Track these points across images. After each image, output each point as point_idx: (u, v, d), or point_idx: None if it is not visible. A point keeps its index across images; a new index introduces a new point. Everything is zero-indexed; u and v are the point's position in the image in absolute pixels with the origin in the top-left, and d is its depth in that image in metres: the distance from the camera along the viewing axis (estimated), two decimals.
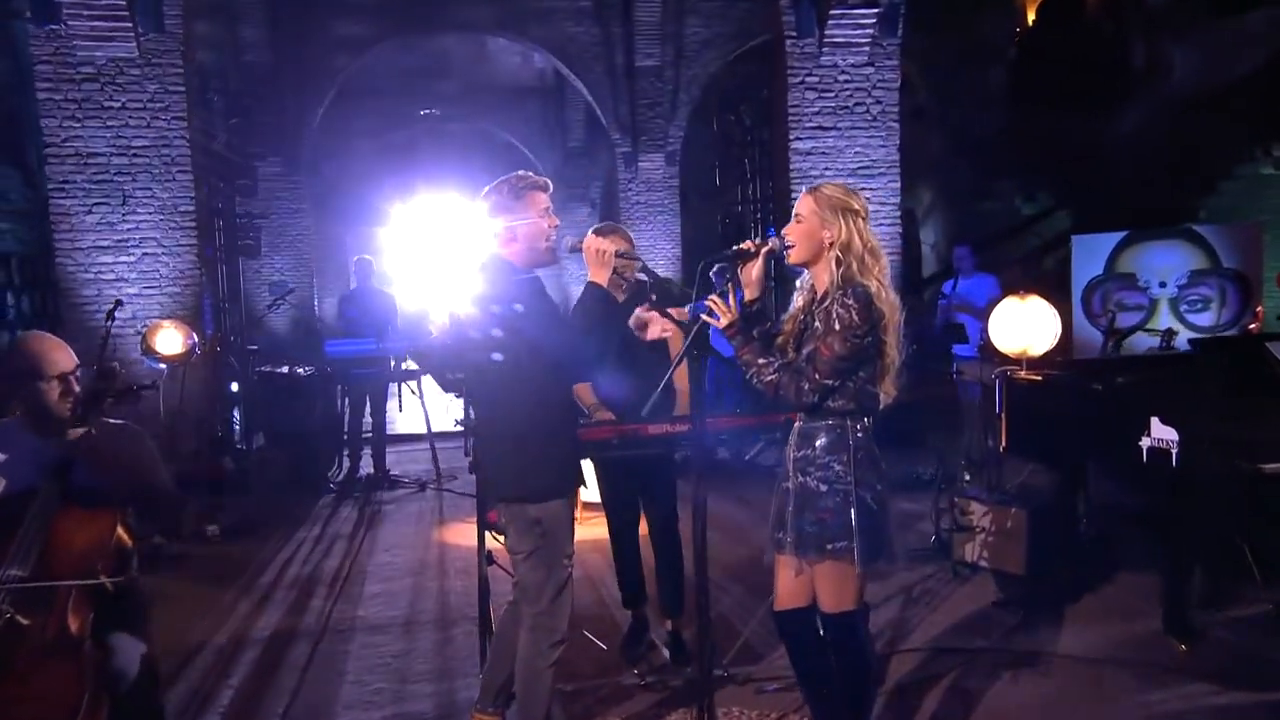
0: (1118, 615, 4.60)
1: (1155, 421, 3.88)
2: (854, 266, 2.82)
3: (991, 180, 15.49)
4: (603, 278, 3.08)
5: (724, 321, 2.87)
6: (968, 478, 7.08)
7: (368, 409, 8.50)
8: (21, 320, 10.87)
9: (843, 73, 9.44)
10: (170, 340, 7.63)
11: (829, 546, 2.82)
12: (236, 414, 8.91)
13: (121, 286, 8.11)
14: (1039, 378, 4.63)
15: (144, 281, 8.12)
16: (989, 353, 5.29)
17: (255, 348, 9.42)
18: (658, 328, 3.28)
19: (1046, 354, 4.90)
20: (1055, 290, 10.98)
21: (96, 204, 8.06)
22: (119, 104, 8.04)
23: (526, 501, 3.04)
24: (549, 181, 3.17)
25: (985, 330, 5.35)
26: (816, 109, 9.42)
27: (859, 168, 9.53)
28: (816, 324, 2.83)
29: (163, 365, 7.70)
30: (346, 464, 8.53)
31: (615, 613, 4.60)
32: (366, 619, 5.00)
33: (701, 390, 2.93)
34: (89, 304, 7.92)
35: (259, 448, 8.43)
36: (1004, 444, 4.76)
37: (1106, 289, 9.37)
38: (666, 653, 4.31)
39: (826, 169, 9.46)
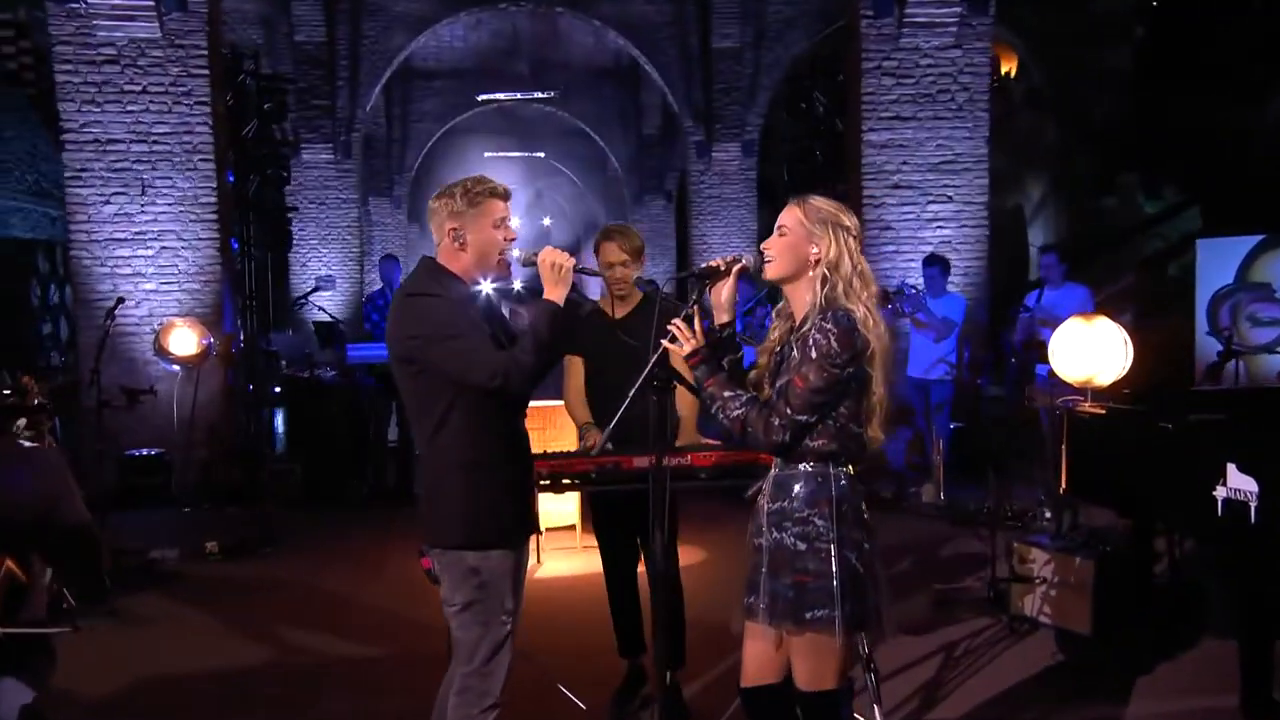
0: (1195, 688, 4.28)
1: (1232, 469, 3.56)
2: (840, 288, 2.66)
3: (1112, 173, 14.86)
4: (558, 295, 2.93)
5: (687, 348, 2.73)
6: (1048, 516, 6.73)
7: (393, 418, 8.51)
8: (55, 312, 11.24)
9: (925, 56, 9.11)
10: (184, 340, 7.74)
11: (807, 615, 2.62)
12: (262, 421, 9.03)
13: (139, 282, 8.27)
14: (1102, 411, 4.32)
15: (161, 277, 8.27)
16: (1057, 378, 4.98)
17: (275, 349, 9.52)
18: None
19: (1117, 383, 4.59)
20: (1177, 301, 10.44)
21: (115, 194, 8.24)
22: (139, 88, 8.21)
23: (463, 549, 2.92)
24: (509, 189, 3.08)
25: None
26: (894, 97, 9.12)
27: (941, 163, 9.19)
28: (794, 353, 2.67)
29: (176, 367, 7.83)
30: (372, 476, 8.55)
31: (600, 662, 4.43)
32: (349, 656, 4.93)
33: (665, 423, 2.78)
34: (104, 299, 8.06)
35: (277, 457, 8.50)
36: (1064, 484, 4.46)
37: (1237, 301, 8.83)
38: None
39: (904, 163, 9.15)
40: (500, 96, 18.95)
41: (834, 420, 2.64)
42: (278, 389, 9.34)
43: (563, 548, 6.72)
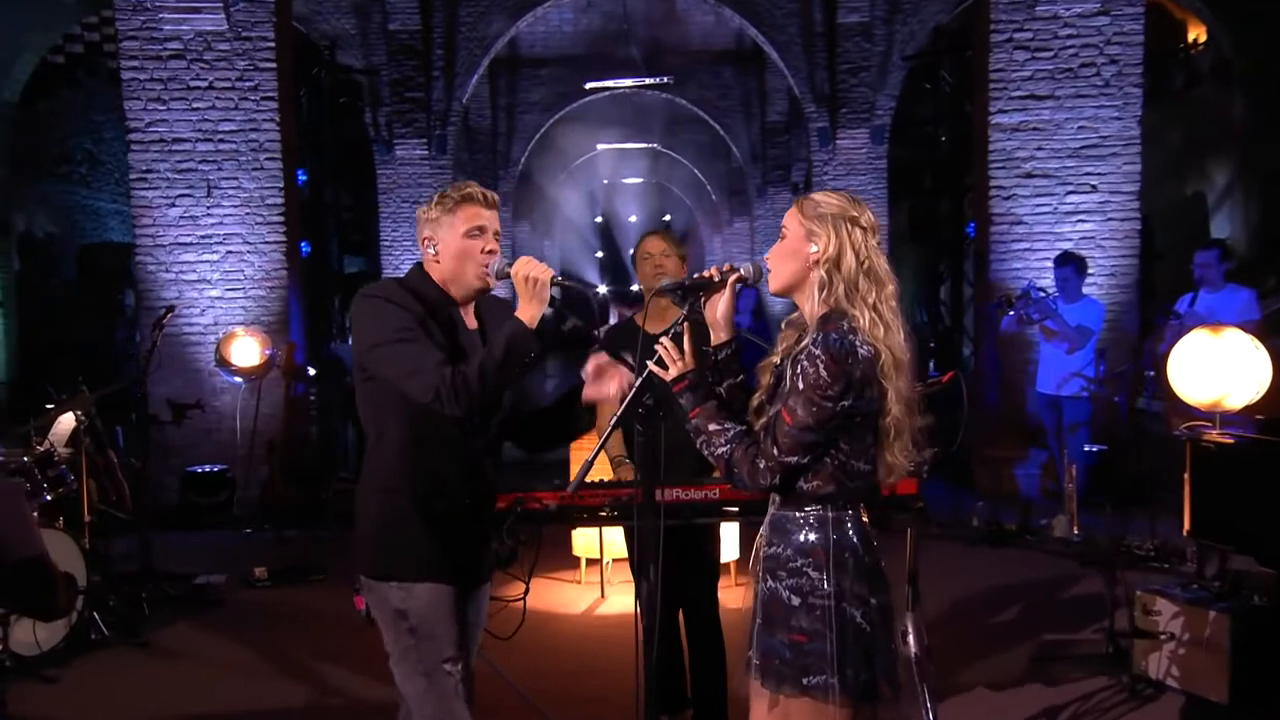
0: None
1: None
2: (841, 290, 2.47)
3: None
4: (530, 313, 2.78)
5: (673, 372, 2.58)
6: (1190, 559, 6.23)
7: None
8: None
9: (1065, 25, 8.64)
10: (246, 351, 7.88)
11: (804, 681, 2.44)
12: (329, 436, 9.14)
13: (203, 288, 8.48)
14: (1231, 441, 3.91)
15: (227, 283, 8.46)
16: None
17: (341, 357, 9.64)
18: (612, 383, 2.92)
19: (1253, 407, 4.16)
20: None
21: (180, 196, 8.47)
22: (205, 83, 8.42)
23: (377, 579, 2.85)
24: (494, 196, 2.96)
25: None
26: (1028, 73, 8.66)
27: (1083, 147, 8.68)
28: (788, 376, 2.48)
29: (238, 379, 7.97)
30: None
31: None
32: (385, 702, 4.86)
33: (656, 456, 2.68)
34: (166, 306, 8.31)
35: (342, 476, 8.58)
36: (1186, 524, 4.07)
37: None
38: None
39: (1038, 149, 8.68)
40: (611, 84, 18.89)
41: (832, 459, 2.46)
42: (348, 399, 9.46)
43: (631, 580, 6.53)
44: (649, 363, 2.62)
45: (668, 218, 29.45)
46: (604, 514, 3.67)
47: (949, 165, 10.15)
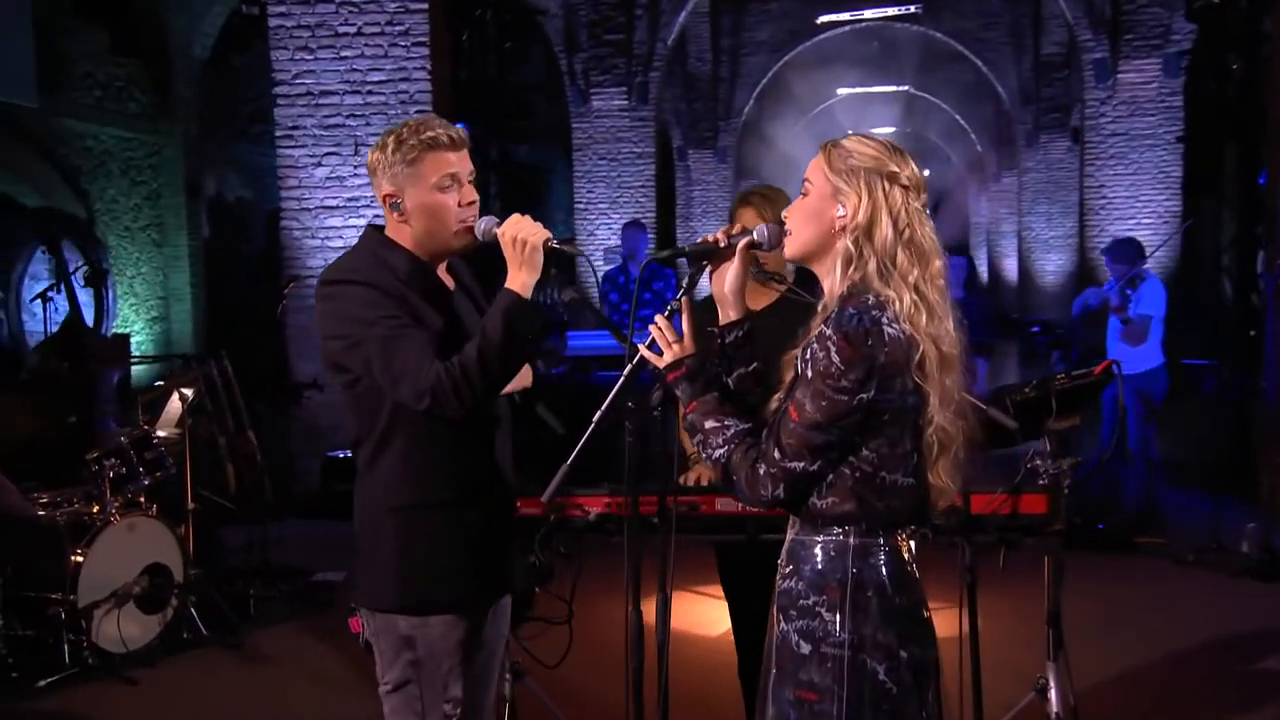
0: None
1: None
2: (873, 265, 2.26)
3: None
4: (522, 281, 2.61)
5: (667, 358, 2.41)
6: None
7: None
8: None
9: None
10: None
11: None
12: None
13: None
14: None
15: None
16: None
17: None
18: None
19: None
20: None
21: (327, 154, 8.64)
22: (354, 29, 8.54)
23: (393, 612, 2.74)
24: (461, 133, 2.75)
25: None
26: None
27: None
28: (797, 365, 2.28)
29: None
30: None
31: None
32: None
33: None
34: (315, 278, 8.49)
35: None
36: None
37: None
38: None
39: None
40: (850, 16, 18.29)
41: (852, 469, 2.25)
42: None
43: None
44: (640, 345, 2.43)
45: (926, 172, 28.41)
46: (655, 523, 3.40)
47: (1238, 100, 9.11)
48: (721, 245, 2.45)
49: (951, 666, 3.45)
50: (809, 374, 2.21)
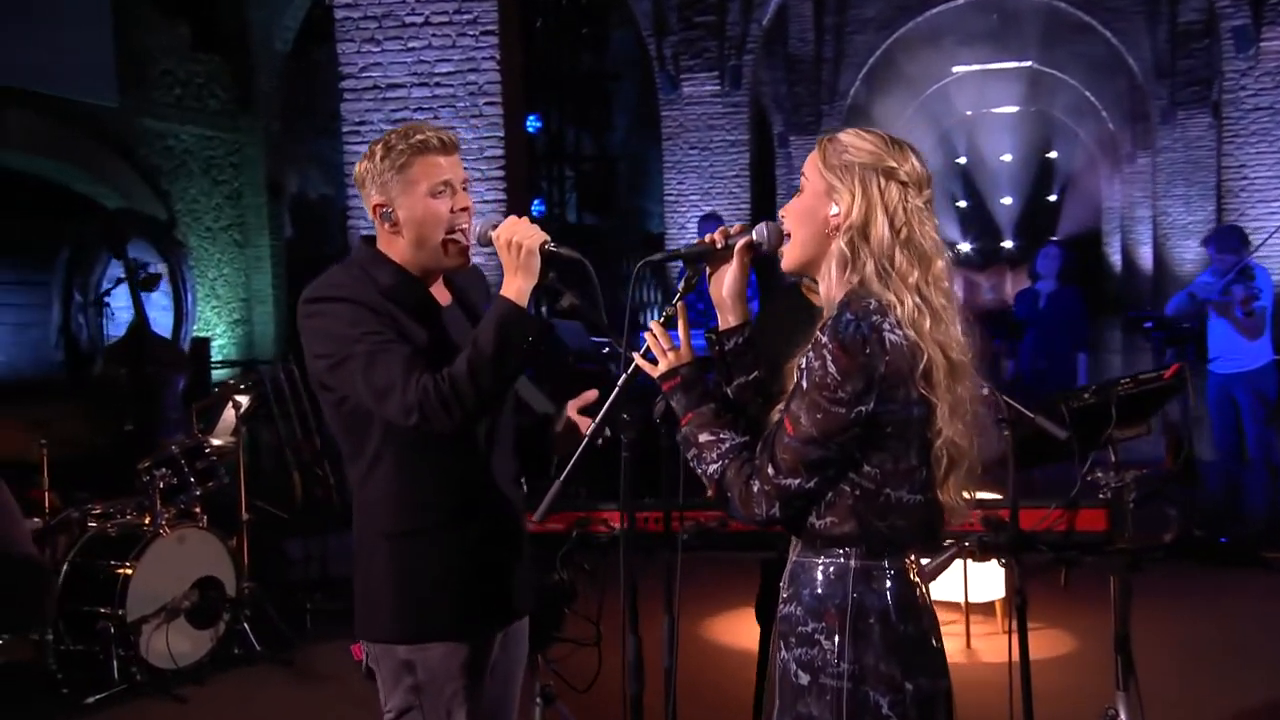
0: None
1: None
2: (870, 268, 2.23)
3: None
4: (517, 287, 2.62)
5: (662, 367, 2.40)
6: None
7: None
8: None
9: None
10: None
11: None
12: None
13: None
14: None
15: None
16: None
17: (561, 337, 9.62)
18: None
19: None
20: None
21: None
22: (422, 18, 8.61)
23: (391, 642, 2.76)
24: (452, 137, 2.77)
25: None
26: None
27: None
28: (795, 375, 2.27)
29: None
30: None
31: None
32: None
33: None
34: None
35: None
36: None
37: None
38: None
39: None
40: None
41: (852, 486, 2.22)
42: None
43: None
44: (635, 355, 2.43)
45: (1053, 154, 27.82)
46: (685, 539, 3.37)
47: None
48: (719, 247, 2.43)
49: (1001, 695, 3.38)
50: (804, 385, 2.18)
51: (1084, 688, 4.45)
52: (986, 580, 6.00)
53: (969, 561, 3.87)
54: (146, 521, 5.71)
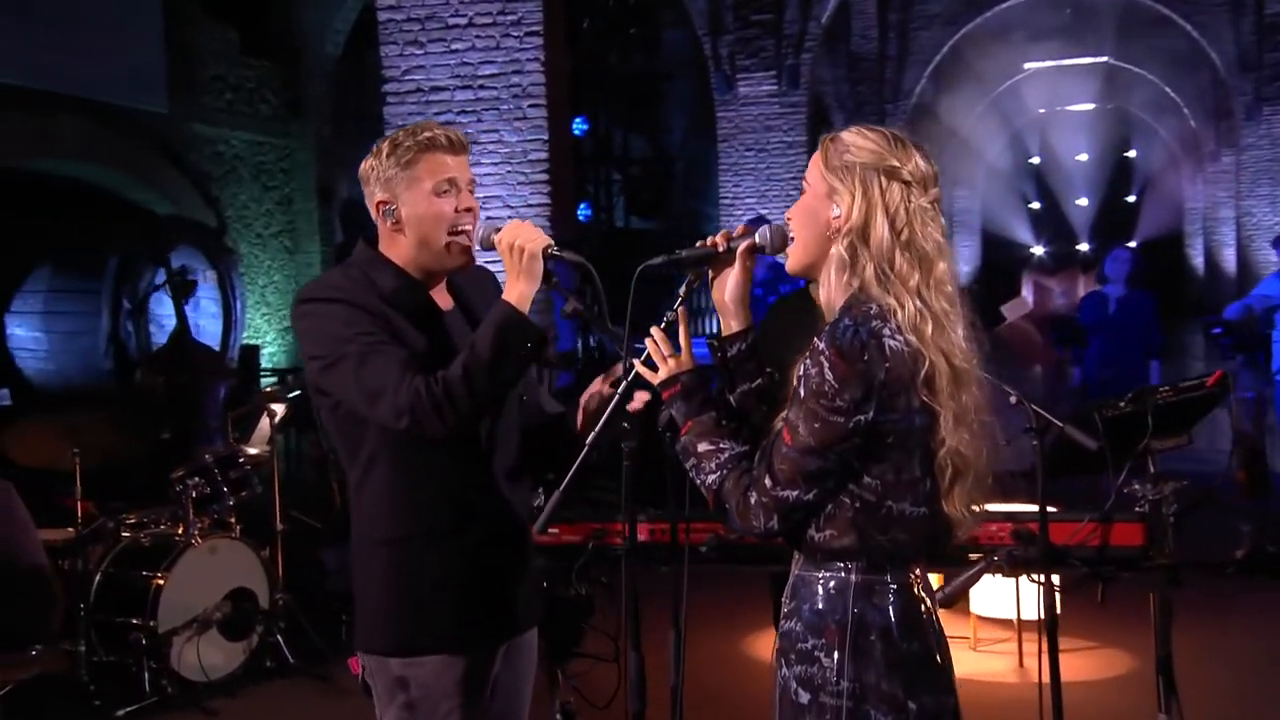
0: None
1: None
2: (870, 271, 2.22)
3: None
4: (519, 292, 2.65)
5: (663, 374, 2.41)
6: None
7: None
8: None
9: None
10: None
11: None
12: None
13: None
14: None
15: (485, 255, 8.66)
16: None
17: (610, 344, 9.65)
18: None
19: None
20: None
21: None
22: (465, 19, 8.69)
23: (385, 654, 2.77)
24: (461, 136, 2.82)
25: None
26: None
27: None
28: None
29: None
30: None
31: None
32: None
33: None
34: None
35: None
36: None
37: None
38: None
39: None
40: None
41: (853, 498, 2.22)
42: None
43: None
44: (635, 361, 2.44)
45: (1131, 153, 27.44)
46: (704, 551, 3.38)
47: None
48: (720, 250, 2.43)
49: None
50: (802, 393, 2.18)
51: (1125, 709, 4.39)
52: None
53: (1020, 578, 3.81)
54: (179, 531, 5.79)
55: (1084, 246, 29.85)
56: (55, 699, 5.43)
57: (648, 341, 2.43)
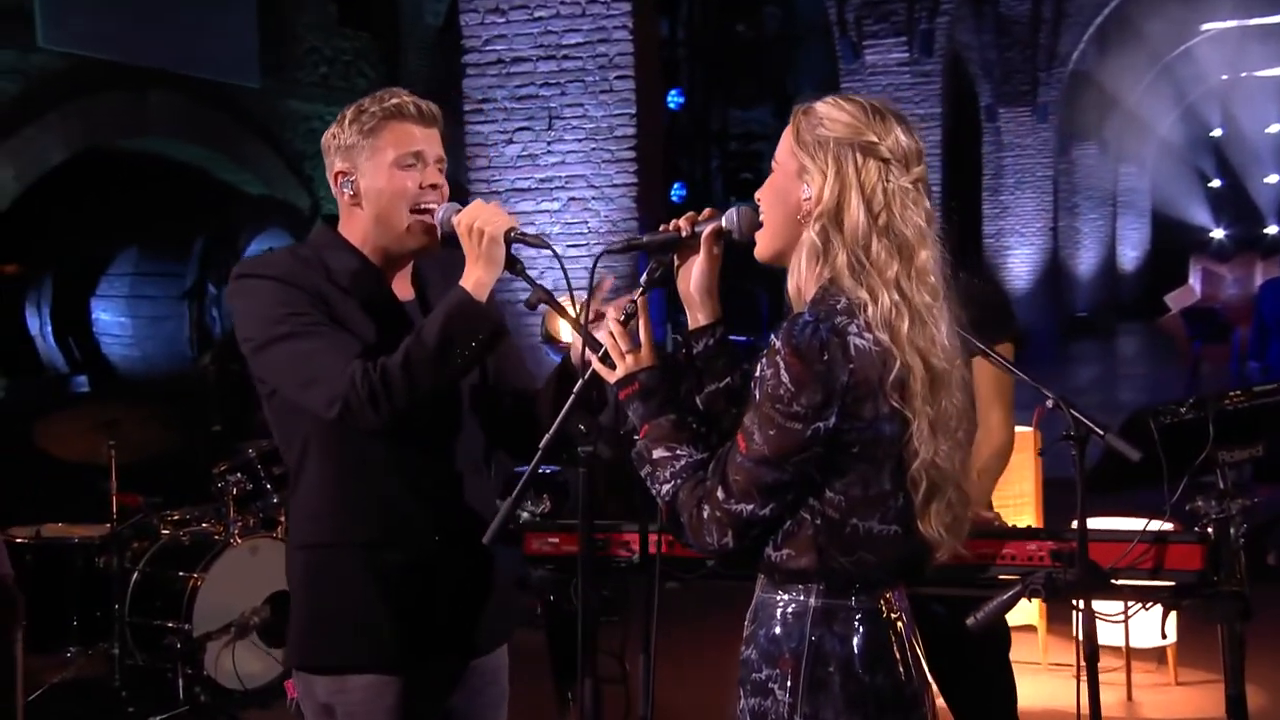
0: None
1: None
2: (842, 260, 2.15)
3: None
4: (476, 278, 2.57)
5: (619, 372, 2.35)
6: None
7: None
8: None
9: None
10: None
11: None
12: None
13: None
14: None
15: (568, 238, 8.73)
16: None
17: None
18: None
19: None
20: None
21: (519, 129, 8.86)
22: None
23: (303, 671, 2.75)
24: (432, 107, 2.73)
25: None
26: None
27: None
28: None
29: None
30: None
31: None
32: None
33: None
34: (516, 281, 8.72)
35: None
36: None
37: None
38: None
39: None
40: None
41: (814, 514, 2.17)
42: None
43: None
44: (593, 358, 2.38)
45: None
46: (711, 565, 3.34)
47: None
48: (684, 234, 2.38)
49: None
50: (757, 395, 2.13)
51: None
52: (1153, 623, 5.75)
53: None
54: (220, 530, 5.88)
55: (1272, 229, 28.85)
56: (87, 703, 5.57)
57: (603, 335, 2.37)
